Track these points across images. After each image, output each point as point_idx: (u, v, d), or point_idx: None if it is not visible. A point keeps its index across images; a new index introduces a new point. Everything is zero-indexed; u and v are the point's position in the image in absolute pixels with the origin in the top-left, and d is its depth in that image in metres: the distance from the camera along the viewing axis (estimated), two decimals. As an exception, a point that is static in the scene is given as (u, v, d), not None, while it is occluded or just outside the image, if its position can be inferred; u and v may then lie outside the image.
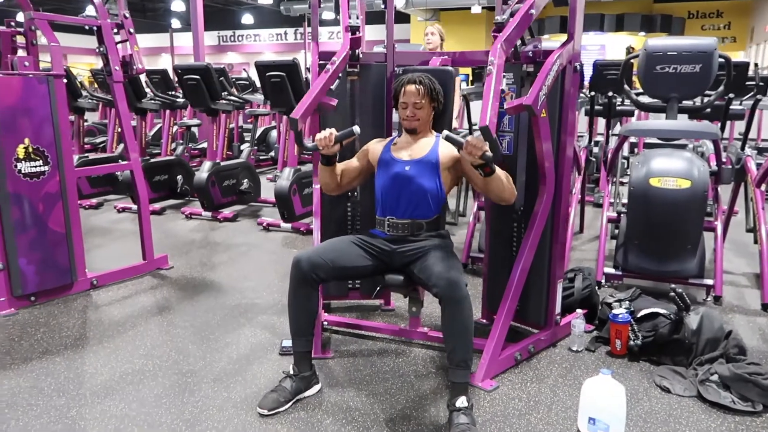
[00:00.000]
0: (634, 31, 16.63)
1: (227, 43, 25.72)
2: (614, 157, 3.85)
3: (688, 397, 2.28)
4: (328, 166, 2.41)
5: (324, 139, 2.28)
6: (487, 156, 2.03)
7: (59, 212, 3.20)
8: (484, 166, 2.11)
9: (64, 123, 3.19)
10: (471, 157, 2.05)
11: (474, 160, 2.07)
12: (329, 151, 2.32)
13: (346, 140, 2.34)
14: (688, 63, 3.24)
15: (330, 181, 2.49)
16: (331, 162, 2.40)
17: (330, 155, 2.36)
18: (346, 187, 2.60)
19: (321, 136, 2.28)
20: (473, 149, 2.02)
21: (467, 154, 2.05)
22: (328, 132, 2.28)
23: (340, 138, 2.31)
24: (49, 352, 2.66)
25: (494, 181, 2.20)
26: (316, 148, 2.32)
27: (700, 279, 3.26)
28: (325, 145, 2.29)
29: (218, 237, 4.69)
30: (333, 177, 2.47)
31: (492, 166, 2.13)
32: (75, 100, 5.64)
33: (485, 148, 2.01)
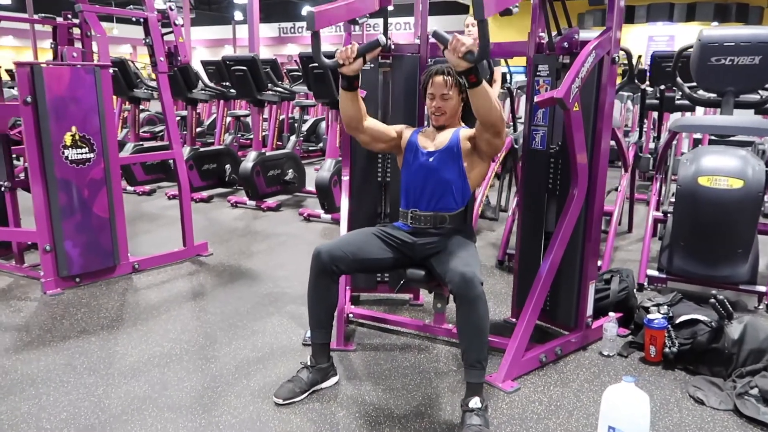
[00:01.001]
0: (707, 21, 15.73)
1: (287, 35, 26.12)
2: (664, 154, 3.67)
3: (724, 411, 2.14)
4: (349, 90, 2.26)
5: (345, 51, 2.14)
6: (469, 57, 1.90)
7: (103, 198, 3.33)
8: (469, 73, 1.98)
9: (109, 112, 3.31)
10: (455, 55, 1.92)
11: (457, 62, 1.94)
12: (350, 69, 2.18)
13: (370, 53, 2.20)
14: (747, 54, 3.04)
15: (351, 110, 2.32)
16: (353, 85, 2.25)
17: (351, 76, 2.22)
18: (370, 140, 2.45)
19: (342, 48, 2.17)
20: (457, 44, 1.90)
21: (452, 51, 1.92)
22: (350, 45, 2.17)
23: (363, 50, 2.16)
24: (86, 331, 2.78)
25: (481, 95, 2.05)
26: (336, 63, 2.18)
27: (751, 285, 3.06)
28: (346, 58, 2.15)
29: (259, 226, 4.77)
30: (355, 105, 2.31)
31: (478, 75, 1.99)
32: (131, 90, 5.86)
33: (472, 48, 1.90)
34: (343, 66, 2.19)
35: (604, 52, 2.36)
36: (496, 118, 2.14)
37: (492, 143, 2.23)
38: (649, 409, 1.92)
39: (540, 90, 2.54)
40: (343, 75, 2.23)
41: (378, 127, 2.46)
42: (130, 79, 5.79)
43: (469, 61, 1.94)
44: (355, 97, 2.31)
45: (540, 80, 2.55)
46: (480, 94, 2.06)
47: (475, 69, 1.98)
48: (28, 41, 21.04)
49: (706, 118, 3.31)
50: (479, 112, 2.12)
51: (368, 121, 2.42)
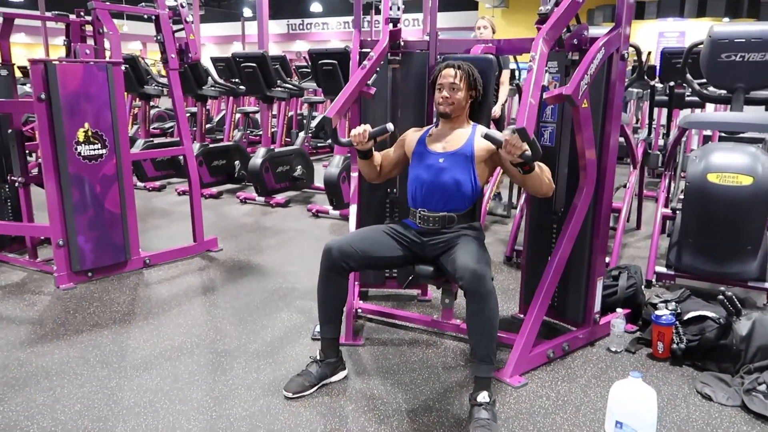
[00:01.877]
0: (718, 16, 15.60)
1: (296, 32, 26.16)
2: (673, 151, 3.66)
3: (731, 407, 2.15)
4: (365, 159, 2.47)
5: (358, 136, 2.34)
6: (526, 155, 2.01)
7: (115, 194, 3.37)
8: (523, 164, 2.09)
9: (121, 108, 3.34)
10: (510, 156, 2.04)
11: (513, 159, 2.05)
12: (364, 147, 2.37)
13: (380, 137, 2.38)
14: (758, 51, 3.02)
15: (370, 172, 2.54)
16: (368, 156, 2.44)
17: (365, 150, 2.40)
18: (387, 176, 2.63)
19: (355, 132, 2.34)
20: (512, 149, 2.01)
21: (506, 154, 2.04)
22: (362, 129, 2.34)
23: (374, 135, 2.36)
24: (99, 325, 2.82)
25: (533, 178, 2.18)
26: (350, 143, 2.38)
27: (761, 282, 3.05)
28: (359, 141, 2.34)
29: (269, 222, 4.80)
30: (372, 168, 2.52)
31: (532, 165, 2.10)
32: (141, 87, 5.91)
33: (524, 148, 1.99)
34: (357, 146, 2.37)
35: (614, 49, 2.36)
36: (545, 193, 2.28)
37: None
38: (656, 405, 1.93)
39: (549, 87, 2.55)
40: (357, 150, 2.41)
41: (389, 162, 2.59)
42: (141, 75, 5.83)
43: (527, 161, 2.04)
44: (371, 162, 2.49)
45: (549, 77, 2.55)
46: (533, 178, 2.18)
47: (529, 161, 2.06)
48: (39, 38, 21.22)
49: (716, 115, 3.30)
50: (529, 188, 2.27)
51: (383, 165, 2.56)
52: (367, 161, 2.47)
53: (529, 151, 2.01)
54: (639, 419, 1.91)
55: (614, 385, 1.99)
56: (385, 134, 2.37)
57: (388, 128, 2.34)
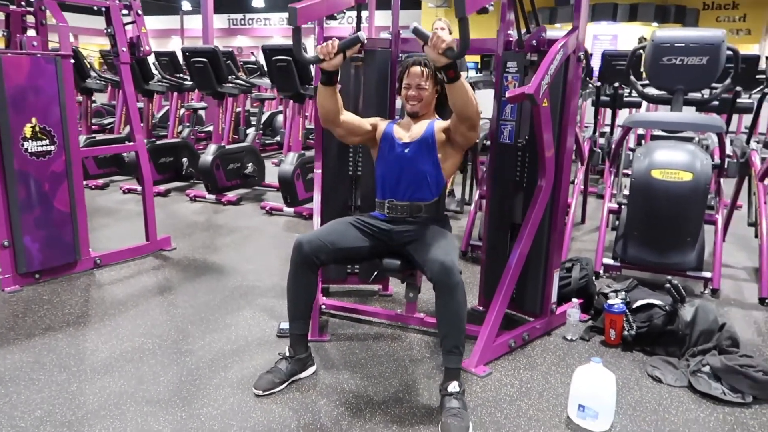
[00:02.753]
0: (648, 21, 16.41)
1: (237, 27, 25.63)
2: (617, 148, 3.85)
3: (679, 388, 2.30)
4: (328, 85, 2.29)
5: (326, 47, 2.18)
6: (449, 53, 1.97)
7: (64, 192, 3.24)
8: (447, 69, 2.05)
9: (71, 103, 3.22)
10: (435, 51, 1.99)
11: (437, 58, 2.01)
12: (331, 64, 2.22)
13: (350, 50, 2.24)
14: (695, 55, 3.23)
15: (329, 105, 2.35)
16: (332, 80, 2.29)
17: (331, 71, 2.25)
18: (346, 132, 2.48)
19: (323, 45, 2.20)
20: (438, 40, 1.97)
21: (432, 48, 1.99)
22: (331, 41, 2.21)
23: (344, 46, 2.19)
24: (52, 328, 2.71)
25: (459, 90, 2.12)
26: (317, 58, 2.21)
27: (698, 272, 3.27)
28: (327, 53, 2.19)
29: (221, 220, 4.73)
30: (333, 100, 2.35)
31: (456, 70, 2.07)
32: (83, 81, 5.68)
33: (452, 44, 1.97)
34: (323, 61, 2.22)
35: (571, 51, 2.47)
36: (473, 112, 2.22)
37: (467, 136, 2.31)
38: (615, 388, 2.05)
39: (509, 86, 2.64)
40: (323, 70, 2.27)
41: (354, 120, 2.50)
42: (83, 69, 5.60)
43: (450, 58, 2.01)
44: (334, 92, 2.34)
45: (509, 77, 2.64)
46: (458, 89, 2.13)
47: (454, 65, 2.05)
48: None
49: (659, 115, 3.50)
50: (456, 105, 2.20)
51: (344, 115, 2.46)
52: (329, 88, 2.30)
53: (455, 48, 1.97)
54: (600, 402, 2.02)
55: (577, 369, 2.09)
56: (356, 45, 2.24)
57: (360, 37, 2.23)
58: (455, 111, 2.23)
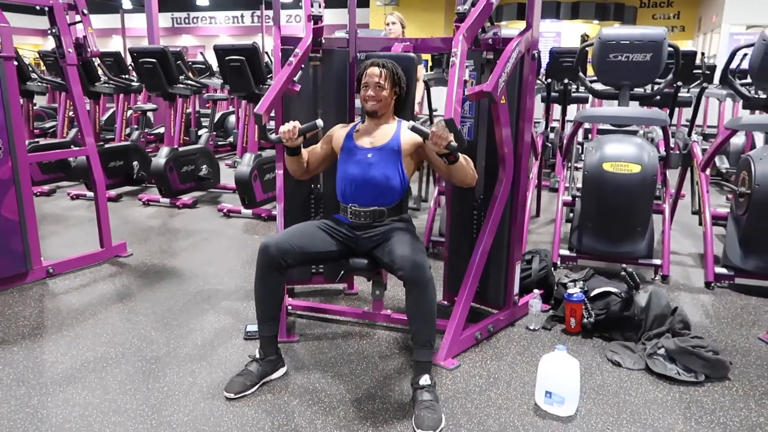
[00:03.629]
0: (589, 19, 16.97)
1: (182, 25, 25.05)
2: (569, 143, 3.98)
3: (637, 370, 2.41)
4: (293, 156, 2.47)
5: (288, 132, 2.33)
6: (452, 146, 2.10)
7: (12, 199, 3.11)
8: (448, 155, 2.18)
9: (15, 107, 3.09)
10: (436, 147, 2.12)
11: (439, 150, 2.14)
12: (293, 144, 2.37)
13: (310, 133, 2.40)
14: (640, 51, 3.37)
15: (297, 168, 2.55)
16: (296, 152, 2.45)
17: (294, 147, 2.40)
18: (314, 171, 2.64)
19: (285, 128, 2.33)
20: (439, 140, 2.09)
21: (433, 145, 2.13)
22: (292, 125, 2.33)
23: (304, 131, 2.37)
24: (6, 342, 2.60)
25: (458, 169, 2.28)
26: (280, 140, 2.37)
27: (649, 259, 3.42)
28: (289, 138, 2.34)
29: (178, 224, 4.63)
30: (300, 164, 2.52)
31: (457, 155, 2.20)
32: (24, 84, 5.44)
33: (450, 139, 2.08)
34: (286, 143, 2.36)
35: (525, 49, 2.54)
36: (469, 183, 2.39)
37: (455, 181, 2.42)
38: (579, 374, 2.13)
39: (467, 84, 2.69)
40: (286, 147, 2.41)
41: (315, 157, 2.60)
42: (23, 71, 5.37)
43: (452, 151, 2.12)
44: (299, 159, 2.49)
45: (466, 75, 2.70)
46: (458, 168, 2.27)
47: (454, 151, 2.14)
48: None
49: (608, 110, 3.63)
50: (455, 179, 2.36)
51: (310, 162, 2.57)
52: (295, 158, 2.48)
53: (455, 142, 2.10)
54: (565, 387, 2.09)
55: (543, 358, 2.17)
56: (315, 130, 2.40)
57: (318, 124, 2.37)
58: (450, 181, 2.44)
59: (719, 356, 2.36)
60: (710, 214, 3.52)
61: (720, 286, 3.32)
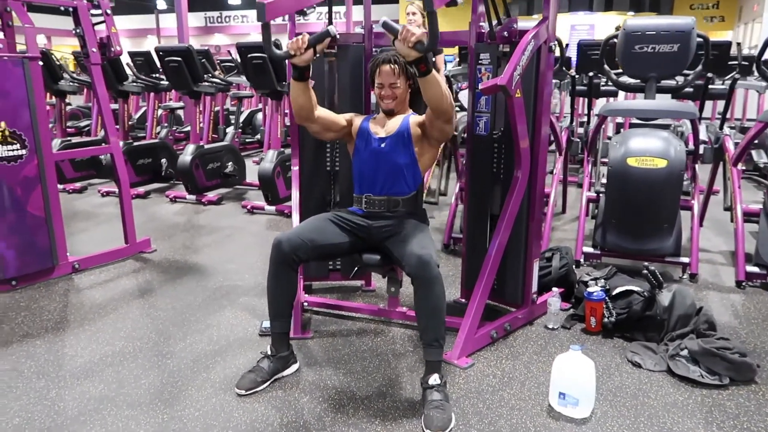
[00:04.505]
0: (623, 10, 16.57)
1: (214, 24, 25.39)
2: (594, 137, 3.88)
3: (658, 372, 2.33)
4: (300, 80, 2.27)
5: (296, 42, 2.16)
6: (419, 47, 1.96)
7: (38, 196, 3.19)
8: (419, 63, 2.03)
9: (40, 106, 3.16)
10: (405, 45, 1.97)
11: (408, 52, 1.99)
12: (301, 59, 2.19)
13: (321, 44, 2.22)
14: (666, 42, 3.26)
15: (302, 100, 2.33)
16: (304, 76, 2.26)
17: (302, 66, 2.23)
18: (321, 128, 2.47)
19: (293, 40, 2.18)
20: (408, 34, 1.96)
21: (402, 42, 1.98)
22: (301, 36, 2.18)
23: (314, 41, 2.17)
24: (30, 335, 2.67)
25: (431, 83, 2.10)
26: (287, 54, 2.18)
27: (676, 257, 3.31)
28: (297, 49, 2.16)
29: (202, 220, 4.69)
30: (306, 95, 2.32)
31: (428, 64, 2.05)
32: (56, 83, 5.58)
33: (422, 38, 1.96)
34: (294, 57, 2.20)
35: (542, 41, 2.48)
36: (447, 105, 2.21)
37: (443, 129, 2.31)
38: (594, 375, 2.07)
39: (482, 78, 2.64)
40: (294, 66, 2.25)
41: (328, 116, 2.48)
42: (55, 71, 5.51)
43: (420, 51, 1.99)
44: (306, 88, 2.32)
45: (482, 68, 2.65)
46: (431, 83, 2.12)
47: (425, 58, 2.04)
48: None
49: (633, 103, 3.53)
50: (430, 99, 2.19)
51: (319, 111, 2.44)
52: (302, 84, 2.27)
53: (425, 42, 1.94)
54: (580, 388, 2.04)
55: (557, 358, 2.11)
56: (326, 39, 2.22)
57: (331, 31, 2.20)
58: (430, 105, 2.22)
59: (746, 358, 2.27)
60: (742, 210, 3.38)
61: (751, 285, 3.20)
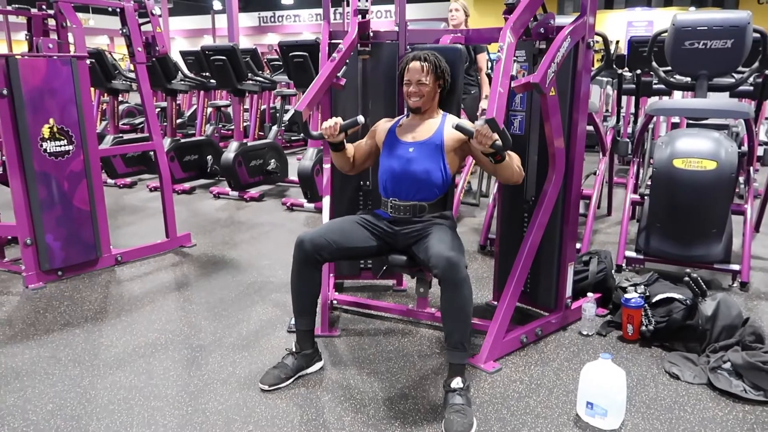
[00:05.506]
0: (684, 5, 15.91)
1: (267, 24, 25.87)
2: (641, 137, 3.72)
3: (698, 385, 2.21)
4: (337, 152, 2.46)
5: (329, 129, 2.34)
6: (497, 145, 2.04)
7: (84, 190, 3.31)
8: (494, 154, 2.12)
9: (87, 104, 3.28)
10: (481, 146, 2.07)
11: (485, 149, 2.09)
12: (335, 140, 2.37)
13: (351, 129, 2.40)
14: (719, 38, 3.09)
15: (343, 164, 2.54)
16: (340, 148, 2.44)
17: (337, 142, 2.40)
18: (360, 167, 2.63)
19: (326, 125, 2.34)
20: (483, 139, 2.04)
21: (477, 144, 2.08)
22: (333, 122, 2.33)
23: (345, 127, 2.36)
24: (70, 324, 2.78)
25: (504, 168, 2.22)
26: (321, 136, 2.38)
27: (726, 264, 3.14)
28: (330, 134, 2.34)
29: (243, 216, 4.77)
30: (345, 159, 2.52)
31: (503, 155, 2.14)
32: (109, 82, 5.80)
33: (495, 138, 2.03)
34: (328, 138, 2.37)
35: (579, 38, 2.39)
36: (516, 181, 2.33)
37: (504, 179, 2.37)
38: (625, 384, 1.98)
39: (517, 75, 2.57)
40: (329, 143, 2.40)
41: (361, 155, 2.59)
42: (108, 70, 5.72)
43: (497, 150, 2.07)
44: (343, 155, 2.48)
45: (517, 66, 2.58)
46: (504, 168, 2.23)
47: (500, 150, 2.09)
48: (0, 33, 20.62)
49: (681, 102, 3.37)
50: (501, 177, 2.33)
51: (356, 160, 2.56)
52: (339, 153, 2.47)
53: (500, 141, 2.04)
54: (609, 399, 1.95)
55: (585, 366, 2.03)
56: (356, 127, 2.39)
57: (359, 121, 2.36)
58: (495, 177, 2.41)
59: (794, 374, 2.12)
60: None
61: (808, 296, 3.00)
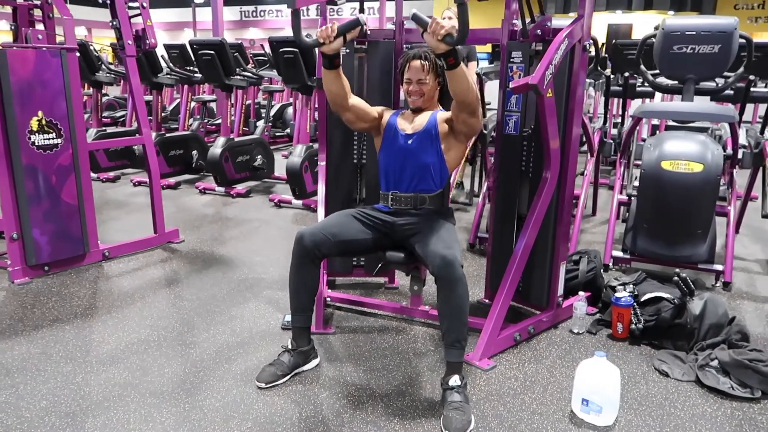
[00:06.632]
0: (664, 10, 16.17)
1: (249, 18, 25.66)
2: (627, 139, 3.79)
3: (686, 382, 2.27)
4: (330, 69, 2.27)
5: (325, 30, 2.15)
6: (448, 39, 1.96)
7: (72, 185, 3.26)
8: (447, 56, 2.04)
9: (77, 96, 3.23)
10: (434, 37, 1.98)
11: (437, 45, 2.00)
12: (331, 47, 2.18)
13: (350, 33, 2.21)
14: (707, 43, 3.16)
15: (334, 88, 2.34)
16: (334, 64, 2.26)
17: (332, 55, 2.23)
18: (354, 117, 2.46)
19: (322, 28, 2.18)
20: (437, 26, 1.97)
21: (431, 34, 1.99)
22: (330, 24, 2.19)
23: (343, 29, 2.16)
24: (60, 320, 2.74)
25: (458, 77, 2.11)
26: (316, 42, 2.19)
27: (709, 264, 3.21)
28: (326, 37, 2.15)
29: (230, 212, 4.74)
30: (338, 83, 2.33)
31: (457, 57, 2.06)
32: (93, 74, 5.70)
33: (451, 31, 1.96)
34: (323, 45, 2.19)
35: (576, 40, 2.43)
36: (473, 98, 2.20)
37: (468, 123, 2.29)
38: (619, 382, 2.02)
39: (513, 76, 2.60)
40: (324, 54, 2.24)
41: (362, 105, 2.48)
42: (92, 62, 5.63)
43: (449, 44, 2.00)
44: (337, 75, 2.31)
45: (513, 67, 2.61)
46: (458, 76, 2.11)
47: (453, 51, 2.04)
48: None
49: (669, 104, 3.44)
50: (456, 92, 2.18)
51: (353, 99, 2.45)
52: (333, 72, 2.27)
53: (454, 34, 1.96)
54: (604, 396, 1.99)
55: (581, 363, 2.07)
56: (356, 28, 2.22)
57: (360, 20, 2.21)
58: (455, 98, 2.21)
59: (780, 372, 2.19)
60: (781, 217, 3.27)
61: (789, 295, 3.09)
